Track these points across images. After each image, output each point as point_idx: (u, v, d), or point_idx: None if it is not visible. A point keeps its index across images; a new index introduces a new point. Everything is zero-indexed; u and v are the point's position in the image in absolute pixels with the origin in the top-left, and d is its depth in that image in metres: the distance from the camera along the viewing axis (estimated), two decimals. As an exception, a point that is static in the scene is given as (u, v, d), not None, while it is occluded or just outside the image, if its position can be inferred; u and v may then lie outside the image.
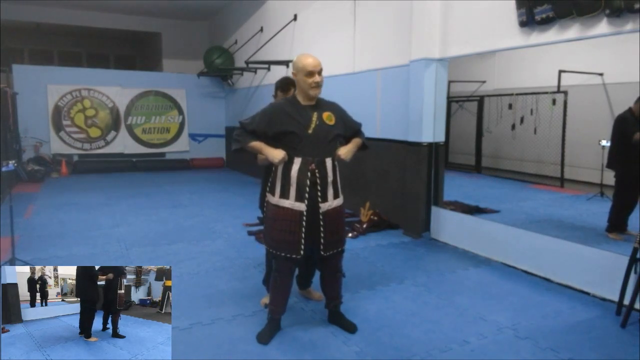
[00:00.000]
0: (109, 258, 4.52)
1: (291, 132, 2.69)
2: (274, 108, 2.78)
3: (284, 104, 2.79)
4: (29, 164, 9.48)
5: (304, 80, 2.68)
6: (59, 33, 14.43)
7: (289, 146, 2.71)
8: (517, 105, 8.84)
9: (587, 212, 6.06)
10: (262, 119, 2.75)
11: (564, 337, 2.96)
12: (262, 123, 2.74)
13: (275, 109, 2.76)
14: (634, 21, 3.20)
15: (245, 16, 10.13)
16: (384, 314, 3.29)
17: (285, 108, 2.74)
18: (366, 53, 6.23)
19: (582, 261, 3.72)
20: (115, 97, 11.14)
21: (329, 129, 2.76)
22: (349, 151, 2.85)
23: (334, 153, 2.79)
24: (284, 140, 2.71)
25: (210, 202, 7.31)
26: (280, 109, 2.75)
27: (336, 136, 2.81)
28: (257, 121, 2.75)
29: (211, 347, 2.82)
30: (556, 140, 7.94)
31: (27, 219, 6.08)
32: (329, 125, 2.76)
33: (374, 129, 6.01)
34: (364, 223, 5.49)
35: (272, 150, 2.70)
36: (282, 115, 2.71)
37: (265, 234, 2.93)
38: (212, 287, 3.78)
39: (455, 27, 4.77)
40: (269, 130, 2.72)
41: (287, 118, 2.70)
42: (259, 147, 2.75)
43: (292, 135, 2.69)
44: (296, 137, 2.69)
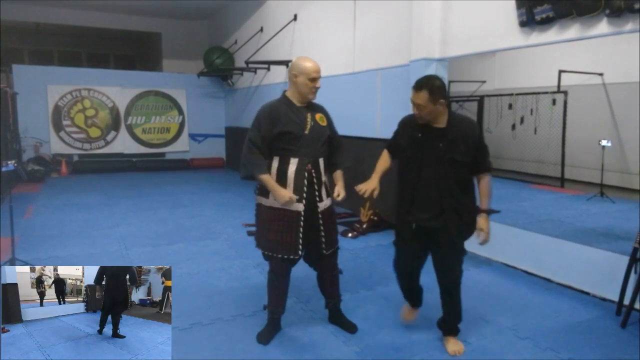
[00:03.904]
0: (109, 258, 4.52)
1: (289, 132, 2.69)
2: (271, 109, 2.75)
3: (279, 104, 2.76)
4: (29, 164, 9.47)
5: (306, 83, 2.70)
6: (59, 33, 14.43)
7: (286, 147, 2.71)
8: (517, 105, 8.83)
9: (587, 212, 6.06)
10: (265, 123, 2.70)
11: (564, 337, 2.97)
12: (267, 127, 2.69)
13: (273, 110, 2.74)
14: (634, 21, 3.20)
15: (245, 16, 10.13)
16: (384, 314, 3.29)
17: (281, 108, 2.73)
18: (366, 53, 6.23)
19: (582, 261, 3.72)
20: (115, 97, 11.14)
21: (323, 130, 2.81)
22: (343, 189, 2.94)
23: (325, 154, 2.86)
24: (283, 140, 2.70)
25: (210, 202, 7.31)
26: (277, 109, 2.73)
27: (328, 137, 2.85)
28: (264, 128, 2.69)
29: (211, 347, 2.82)
30: (556, 140, 7.93)
31: (27, 219, 6.08)
32: (322, 126, 2.81)
33: (374, 129, 6.01)
34: (364, 223, 5.49)
35: (280, 190, 2.67)
36: (281, 116, 2.71)
37: (260, 237, 2.88)
38: (212, 287, 3.78)
39: (455, 27, 4.77)
40: (273, 130, 2.69)
41: (286, 118, 2.70)
42: (267, 181, 2.70)
43: (290, 135, 2.70)
44: (294, 137, 2.70)
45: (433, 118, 2.57)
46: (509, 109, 9.00)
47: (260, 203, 2.84)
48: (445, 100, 2.54)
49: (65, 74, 10.94)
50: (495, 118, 9.31)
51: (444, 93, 2.53)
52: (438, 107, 2.52)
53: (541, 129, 8.33)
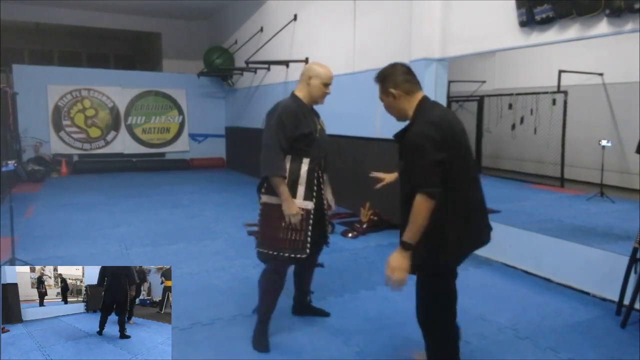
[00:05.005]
0: (109, 258, 4.52)
1: (310, 134, 2.74)
2: (294, 110, 2.72)
3: (296, 106, 2.76)
4: (29, 164, 9.47)
5: (320, 87, 2.77)
6: (59, 33, 14.42)
7: (303, 147, 2.73)
8: (517, 105, 8.83)
9: (587, 212, 6.07)
10: (290, 124, 2.67)
11: (564, 337, 2.97)
12: (292, 128, 2.68)
13: (296, 111, 2.72)
14: (634, 21, 3.20)
15: (245, 16, 10.12)
16: (384, 314, 3.29)
17: (299, 110, 2.75)
18: (366, 53, 6.23)
19: (582, 261, 3.72)
20: (115, 97, 11.14)
21: (325, 133, 2.92)
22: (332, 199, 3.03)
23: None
24: (302, 141, 2.72)
25: (210, 202, 7.31)
26: (297, 111, 2.74)
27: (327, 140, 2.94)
28: (289, 129, 2.67)
29: (211, 347, 2.82)
30: (556, 140, 7.94)
31: (27, 219, 6.08)
32: (324, 129, 2.92)
33: (374, 129, 6.02)
34: (364, 223, 5.49)
35: (292, 204, 2.66)
36: (301, 117, 2.73)
37: (265, 237, 2.79)
38: (212, 287, 3.78)
39: (455, 27, 4.77)
40: (296, 132, 2.69)
41: (305, 120, 2.75)
42: (282, 188, 2.65)
43: (310, 137, 2.74)
44: (312, 139, 2.75)
45: (395, 114, 2.24)
46: (509, 109, 9.00)
47: (266, 202, 2.78)
48: (397, 89, 2.14)
49: (65, 74, 10.94)
50: (495, 118, 9.31)
51: (395, 80, 2.14)
52: (389, 99, 2.18)
53: (541, 129, 8.33)
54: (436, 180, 1.95)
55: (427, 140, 1.97)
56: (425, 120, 2.06)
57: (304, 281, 3.15)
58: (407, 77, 2.17)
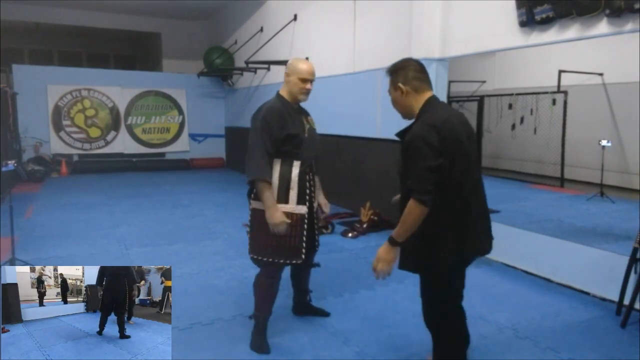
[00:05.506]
0: (109, 258, 4.52)
1: (296, 135, 2.63)
2: (279, 111, 2.63)
3: (281, 106, 2.67)
4: (29, 164, 9.47)
5: (296, 83, 2.66)
6: (59, 33, 14.42)
7: (291, 150, 2.63)
8: (517, 105, 8.83)
9: (587, 212, 6.07)
10: (276, 125, 2.58)
11: (564, 337, 2.97)
12: (277, 129, 2.58)
13: (280, 111, 2.63)
14: (634, 21, 3.20)
15: (245, 16, 10.13)
16: (384, 314, 3.29)
17: (284, 110, 2.66)
18: (366, 53, 6.23)
19: (582, 261, 3.72)
20: (115, 97, 11.14)
21: (315, 133, 2.81)
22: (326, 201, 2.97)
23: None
24: (289, 143, 2.61)
25: (210, 202, 7.31)
26: (282, 111, 2.64)
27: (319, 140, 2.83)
28: (275, 131, 2.57)
29: (211, 347, 2.82)
30: (556, 140, 7.94)
31: (27, 219, 6.08)
32: (314, 129, 2.81)
33: (374, 129, 6.01)
34: (364, 223, 5.48)
35: (275, 212, 2.53)
36: (287, 117, 2.63)
37: (256, 243, 2.69)
38: (212, 287, 3.78)
39: (455, 27, 4.76)
40: (282, 133, 2.59)
41: (291, 120, 2.64)
42: (267, 195, 2.54)
43: (297, 138, 2.63)
44: (299, 140, 2.64)
45: (400, 111, 2.17)
46: (509, 109, 9.00)
47: (256, 208, 2.67)
48: (406, 85, 2.07)
49: (65, 74, 10.94)
50: (495, 118, 9.31)
51: (406, 75, 2.07)
52: (397, 93, 2.12)
53: (541, 129, 8.33)
54: (428, 187, 1.91)
55: (425, 145, 1.93)
56: (426, 122, 2.00)
57: (302, 281, 3.12)
58: (418, 74, 2.11)
